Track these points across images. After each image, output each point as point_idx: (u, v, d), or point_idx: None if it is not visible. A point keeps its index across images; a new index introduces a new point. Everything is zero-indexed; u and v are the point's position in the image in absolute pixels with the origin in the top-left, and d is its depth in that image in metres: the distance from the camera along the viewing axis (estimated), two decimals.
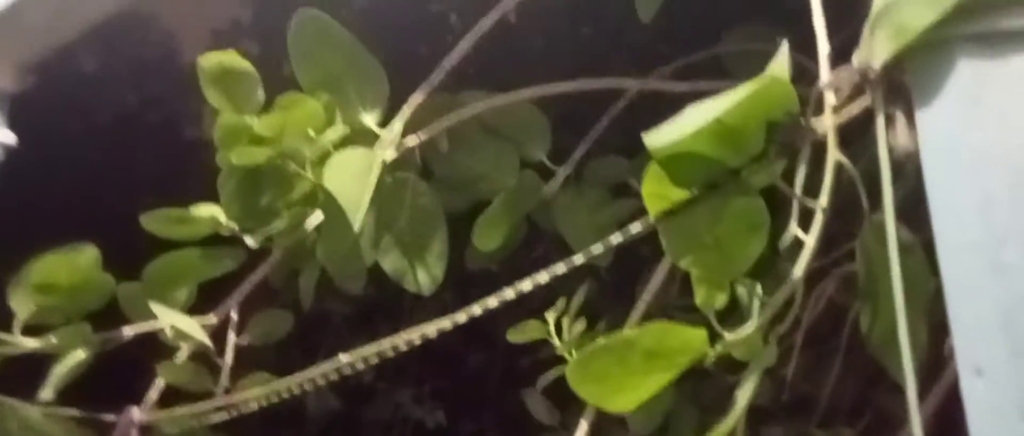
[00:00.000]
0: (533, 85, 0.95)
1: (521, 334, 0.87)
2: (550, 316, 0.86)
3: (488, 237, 0.94)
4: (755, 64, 0.57)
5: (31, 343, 0.90)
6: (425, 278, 0.92)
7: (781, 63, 0.54)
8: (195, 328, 0.92)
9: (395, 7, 1.28)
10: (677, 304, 0.92)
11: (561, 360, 0.86)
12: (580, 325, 0.85)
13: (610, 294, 1.11)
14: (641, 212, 0.64)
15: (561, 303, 0.86)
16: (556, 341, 0.85)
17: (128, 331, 0.95)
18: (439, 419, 1.38)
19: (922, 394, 0.48)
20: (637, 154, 1.00)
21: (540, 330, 0.86)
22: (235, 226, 0.90)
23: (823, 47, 0.57)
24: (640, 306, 0.83)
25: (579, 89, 0.96)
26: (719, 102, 0.52)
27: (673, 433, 1.01)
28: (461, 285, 1.01)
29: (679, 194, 0.57)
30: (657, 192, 0.57)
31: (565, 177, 0.98)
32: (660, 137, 0.54)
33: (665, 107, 0.58)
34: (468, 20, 0.94)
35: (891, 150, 0.50)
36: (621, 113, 1.00)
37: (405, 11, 1.29)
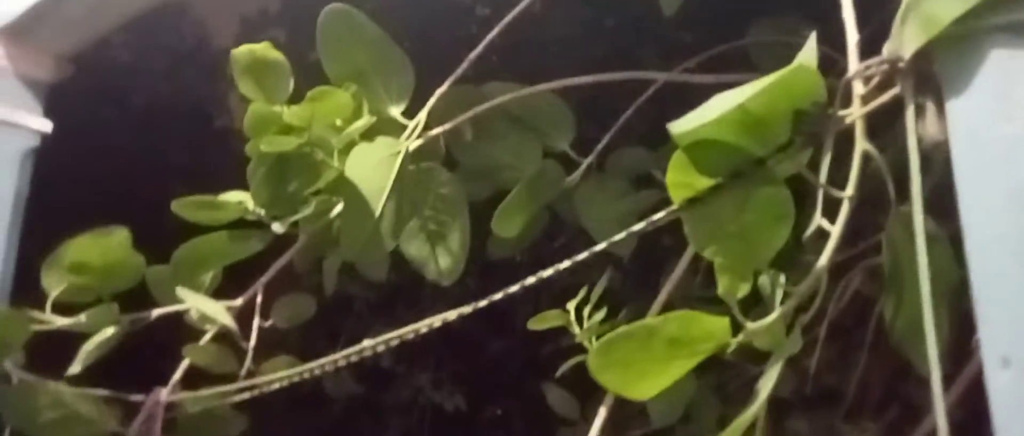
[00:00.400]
0: (558, 74, 0.95)
1: (542, 322, 0.87)
2: (571, 305, 0.86)
3: (507, 224, 0.94)
4: (782, 56, 0.57)
5: (62, 321, 0.92)
6: (447, 266, 0.92)
7: (809, 53, 0.54)
8: (220, 311, 0.93)
9: None
10: (699, 295, 0.92)
11: (584, 349, 0.86)
12: (600, 314, 0.85)
13: (632, 285, 1.11)
14: (663, 203, 0.63)
15: (582, 292, 0.87)
16: (576, 329, 0.85)
17: (156, 313, 0.97)
18: (459, 403, 1.38)
19: (946, 385, 0.48)
20: (660, 145, 1.00)
21: (561, 318, 0.86)
22: (262, 212, 0.91)
23: (852, 36, 0.57)
24: (662, 296, 0.83)
25: (603, 81, 0.95)
26: (745, 90, 0.52)
27: (695, 424, 1.01)
28: (484, 273, 1.02)
29: (704, 183, 0.57)
30: (682, 180, 0.57)
31: (587, 167, 0.98)
32: (685, 124, 0.54)
33: (690, 98, 0.58)
34: (494, 9, 0.94)
35: (919, 140, 0.50)
36: (646, 104, 0.99)
37: (433, 1, 1.30)
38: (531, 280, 0.74)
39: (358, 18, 0.89)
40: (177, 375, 0.98)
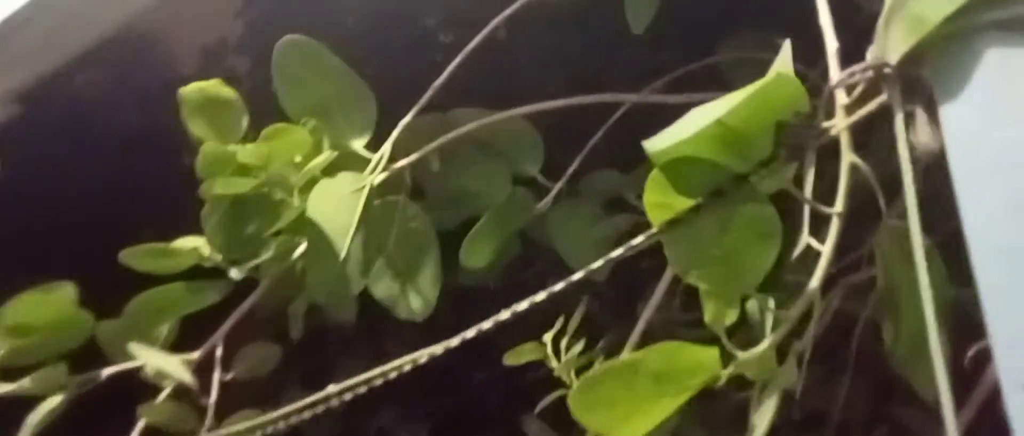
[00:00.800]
0: (527, 98, 0.93)
1: (518, 356, 0.84)
2: (547, 336, 0.83)
3: (476, 254, 0.91)
4: (754, 73, 0.55)
5: (4, 387, 0.86)
6: (418, 303, 0.88)
7: (785, 61, 0.51)
8: (177, 367, 0.88)
9: (387, 24, 1.26)
10: (680, 320, 0.89)
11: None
12: (578, 346, 0.82)
13: (610, 311, 1.08)
14: (638, 226, 0.60)
15: (559, 323, 0.83)
16: (554, 363, 0.82)
17: (107, 372, 0.91)
18: None
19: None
20: (633, 167, 0.97)
21: (538, 351, 0.83)
22: (219, 258, 0.87)
23: (831, 44, 0.54)
24: (641, 323, 0.80)
25: (572, 104, 0.93)
26: (722, 103, 0.49)
27: None
28: (458, 302, 0.98)
29: (683, 203, 0.54)
30: (660, 201, 0.54)
31: (558, 192, 0.95)
32: (661, 141, 0.51)
33: (661, 119, 0.55)
34: (458, 35, 0.91)
35: (911, 150, 0.47)
36: (616, 126, 0.97)
37: (397, 28, 1.27)
38: (506, 315, 0.71)
39: (316, 49, 0.86)
40: (134, 434, 0.92)
